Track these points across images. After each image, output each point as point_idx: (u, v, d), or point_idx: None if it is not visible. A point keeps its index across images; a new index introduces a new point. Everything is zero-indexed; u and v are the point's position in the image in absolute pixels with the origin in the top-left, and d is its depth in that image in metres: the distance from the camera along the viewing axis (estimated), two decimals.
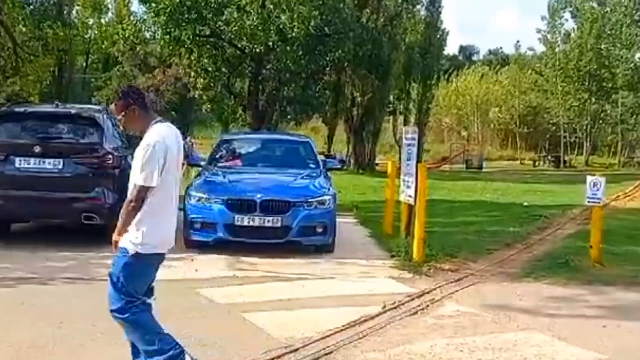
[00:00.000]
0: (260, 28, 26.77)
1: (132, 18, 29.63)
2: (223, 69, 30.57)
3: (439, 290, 7.60)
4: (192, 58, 30.10)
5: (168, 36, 27.90)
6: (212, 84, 30.95)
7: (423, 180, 8.62)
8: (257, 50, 27.77)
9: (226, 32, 28.29)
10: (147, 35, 29.59)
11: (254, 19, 26.85)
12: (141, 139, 4.35)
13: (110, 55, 34.11)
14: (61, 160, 8.93)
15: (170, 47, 28.76)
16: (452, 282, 7.98)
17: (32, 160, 8.93)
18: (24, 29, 17.23)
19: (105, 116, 9.56)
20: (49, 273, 7.86)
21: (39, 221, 10.28)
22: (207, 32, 28.77)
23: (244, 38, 27.60)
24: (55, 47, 16.75)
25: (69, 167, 8.95)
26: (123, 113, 4.39)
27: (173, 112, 30.26)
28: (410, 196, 9.16)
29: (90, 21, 39.93)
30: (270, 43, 27.29)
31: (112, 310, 4.33)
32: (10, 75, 28.51)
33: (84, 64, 39.15)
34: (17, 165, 8.95)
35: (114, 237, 4.31)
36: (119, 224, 4.29)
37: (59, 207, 9.00)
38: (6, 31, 14.39)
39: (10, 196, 8.91)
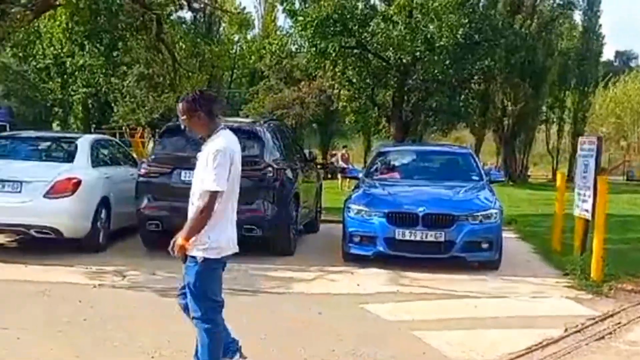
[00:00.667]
0: (407, 38, 26.51)
1: (278, 33, 30.18)
2: (368, 80, 30.57)
3: (624, 313, 6.92)
4: (337, 70, 30.32)
5: (314, 49, 28.27)
6: (356, 96, 31.03)
7: (603, 194, 7.94)
8: (404, 60, 27.52)
9: (372, 43, 28.26)
10: (293, 48, 30.05)
11: (401, 29, 26.63)
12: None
13: (255, 69, 34.98)
14: None
15: (316, 60, 29.10)
16: (638, 305, 7.26)
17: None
18: (183, 46, 17.95)
19: (265, 129, 9.60)
20: None
21: None
22: (352, 44, 28.88)
23: (390, 48, 27.44)
24: (210, 63, 17.31)
25: None
26: (187, 116, 4.44)
27: (315, 124, 30.63)
28: (586, 210, 8.49)
29: (236, 37, 41.37)
30: (418, 53, 26.96)
31: (194, 318, 4.43)
32: (168, 90, 30.06)
33: (229, 79, 40.51)
34: (182, 178, 9.14)
35: (180, 241, 4.30)
36: (187, 228, 4.31)
37: None
38: (167, 49, 15.00)
39: (175, 208, 9.11)
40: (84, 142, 9.97)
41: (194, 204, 4.40)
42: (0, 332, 5.92)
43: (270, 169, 9.12)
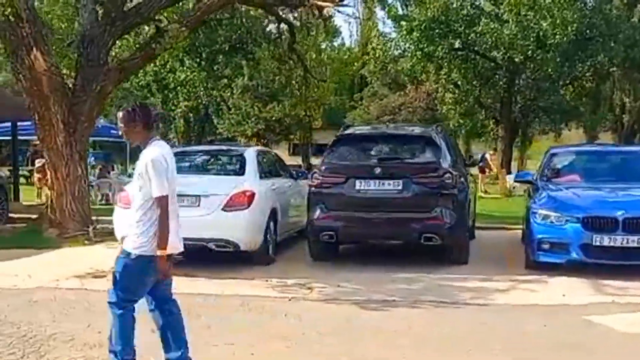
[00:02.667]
0: (518, 36, 25.84)
1: (380, 38, 29.96)
2: (474, 82, 30.01)
3: None
4: (442, 73, 29.89)
5: (420, 52, 27.95)
6: (462, 98, 30.49)
7: None
8: (516, 59, 26.84)
9: (479, 44, 27.71)
10: (396, 53, 29.78)
11: (512, 27, 25.98)
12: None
13: (354, 76, 34.75)
14: (401, 181, 8.84)
15: (422, 64, 28.75)
16: None
17: (372, 182, 8.93)
18: (314, 56, 17.97)
19: (440, 135, 9.37)
20: (408, 295, 7.71)
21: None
22: (458, 45, 28.40)
23: (501, 48, 26.81)
24: (336, 71, 17.24)
25: (409, 187, 8.82)
26: (125, 126, 4.79)
27: None
28: None
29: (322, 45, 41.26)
30: (529, 51, 26.24)
31: (109, 302, 4.85)
32: (268, 102, 30.35)
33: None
34: (357, 187, 9.00)
35: (161, 252, 4.64)
36: (158, 240, 4.64)
37: (398, 228, 8.93)
38: (299, 58, 14.99)
39: (350, 218, 8.99)
40: (251, 154, 9.99)
41: (133, 209, 4.81)
42: (229, 348, 5.86)
43: (449, 174, 8.86)
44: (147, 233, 4.69)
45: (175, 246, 4.84)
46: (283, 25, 14.54)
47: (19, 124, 19.47)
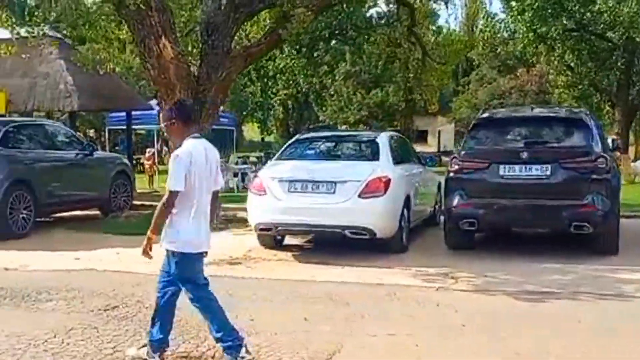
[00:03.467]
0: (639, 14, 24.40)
1: (489, 20, 29.01)
2: (589, 64, 28.61)
3: None
4: (555, 55, 28.64)
5: (532, 34, 26.86)
6: (576, 81, 29.17)
7: None
8: (636, 38, 25.36)
9: (595, 23, 26.36)
10: (505, 35, 28.76)
11: (632, 5, 24.55)
12: None
13: (461, 60, 33.68)
14: (549, 166, 8.35)
15: (534, 45, 27.63)
16: None
17: (517, 167, 8.49)
18: (432, 39, 17.53)
19: (590, 118, 8.81)
20: (564, 286, 7.26)
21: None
22: (572, 26, 27.10)
23: (620, 28, 25.40)
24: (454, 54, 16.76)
25: (558, 173, 8.33)
26: (166, 124, 4.91)
27: None
28: None
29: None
30: None
31: (190, 299, 5.00)
32: (372, 87, 29.99)
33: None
34: (501, 173, 8.57)
35: (148, 234, 4.84)
36: (152, 224, 4.80)
37: (546, 215, 8.46)
38: (418, 41, 14.57)
39: (494, 205, 8.58)
40: (385, 140, 9.71)
41: None
42: (391, 339, 5.62)
43: (602, 159, 8.30)
44: (185, 229, 4.83)
45: (200, 244, 4.93)
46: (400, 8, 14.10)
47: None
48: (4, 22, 12.33)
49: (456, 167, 8.89)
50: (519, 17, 26.64)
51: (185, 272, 4.93)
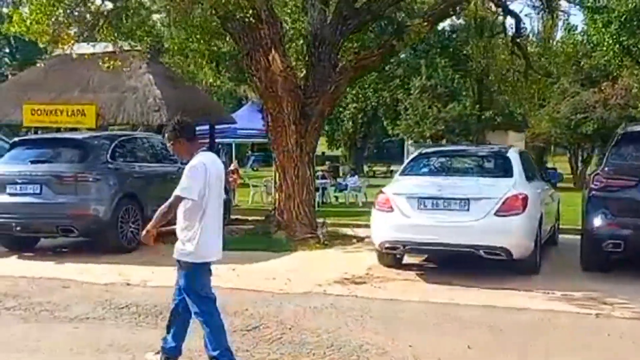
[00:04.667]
0: None
1: (571, 32, 28.20)
2: None
3: None
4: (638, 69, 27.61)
5: (618, 45, 25.99)
6: None
7: None
8: None
9: None
10: (588, 47, 27.90)
11: None
12: None
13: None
14: None
15: (620, 58, 26.71)
16: None
17: None
18: (535, 50, 16.99)
19: None
20: None
21: None
22: None
23: None
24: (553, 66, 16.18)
25: None
26: (172, 143, 5.12)
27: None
28: None
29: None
30: None
31: (194, 313, 5.07)
32: (448, 101, 29.29)
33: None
34: None
35: (148, 227, 4.99)
36: (154, 220, 4.99)
37: None
38: (522, 52, 14.06)
39: None
40: (515, 155, 9.24)
41: (180, 216, 5.03)
42: None
43: None
44: (194, 240, 4.94)
45: (213, 253, 5.10)
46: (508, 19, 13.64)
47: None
48: (108, 35, 12.35)
49: (599, 184, 8.35)
50: (603, 29, 25.82)
51: (191, 283, 5.03)
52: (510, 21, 13.78)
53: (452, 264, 9.25)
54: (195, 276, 5.04)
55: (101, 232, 10.54)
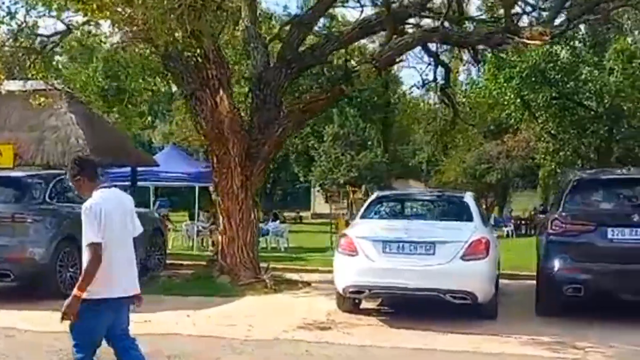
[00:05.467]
0: (625, 84, 25.31)
1: (473, 86, 29.60)
2: (571, 131, 29.33)
3: None
4: (538, 122, 29.27)
5: (519, 100, 27.50)
6: (559, 148, 29.78)
7: None
8: (623, 107, 26.20)
9: (580, 92, 27.19)
10: (490, 101, 29.32)
11: (618, 75, 25.48)
12: None
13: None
14: None
15: (520, 112, 28.25)
16: None
17: (627, 230, 8.29)
18: (463, 100, 17.58)
19: None
20: None
21: None
22: (554, 94, 27.85)
23: (606, 96, 26.23)
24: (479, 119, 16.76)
25: None
26: (73, 180, 5.00)
27: (517, 178, 29.50)
28: None
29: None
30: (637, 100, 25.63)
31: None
32: (363, 150, 29.85)
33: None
34: (609, 236, 8.36)
35: (75, 292, 4.64)
36: (80, 280, 4.67)
37: None
38: (450, 101, 14.60)
39: (602, 270, 8.32)
40: (472, 200, 9.45)
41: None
42: None
43: None
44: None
45: (126, 289, 4.94)
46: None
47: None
48: (38, 72, 11.88)
49: (558, 228, 8.64)
50: (505, 84, 27.22)
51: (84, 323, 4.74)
52: (440, 71, 14.13)
53: (409, 308, 9.25)
54: (89, 313, 4.75)
55: (39, 276, 9.88)
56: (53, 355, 7.02)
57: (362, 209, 9.56)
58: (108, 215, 4.77)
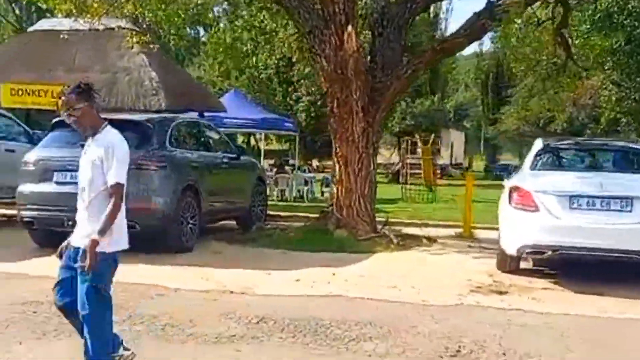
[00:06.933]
0: None
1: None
2: (637, 79, 28.00)
3: None
4: (605, 69, 27.90)
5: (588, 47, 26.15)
6: (624, 95, 28.51)
7: None
8: None
9: None
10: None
11: None
12: None
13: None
14: None
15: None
16: None
17: None
18: (577, 42, 16.41)
19: None
20: None
21: None
22: (623, 41, 26.44)
23: None
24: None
25: None
26: (75, 110, 4.08)
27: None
28: None
29: None
30: None
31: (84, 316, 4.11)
32: (416, 96, 28.67)
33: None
34: None
35: (96, 237, 3.96)
36: (101, 224, 4.00)
37: None
38: (565, 44, 13.46)
39: None
40: None
41: (85, 201, 4.16)
42: None
43: None
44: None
45: (124, 243, 4.27)
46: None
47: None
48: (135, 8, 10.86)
49: None
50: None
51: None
52: (558, 10, 12.95)
53: (573, 269, 8.38)
54: (106, 268, 4.14)
55: (163, 228, 9.07)
56: (226, 319, 6.20)
57: (529, 160, 8.57)
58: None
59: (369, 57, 10.81)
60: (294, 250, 9.93)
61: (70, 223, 8.39)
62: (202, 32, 46.52)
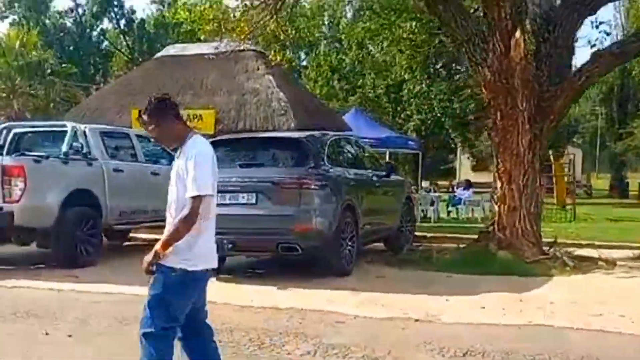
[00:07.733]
0: None
1: None
2: None
3: None
4: None
5: None
6: None
7: None
8: None
9: None
10: None
11: None
12: None
13: None
14: None
15: None
16: None
17: None
18: None
19: None
20: None
21: None
22: None
23: None
24: None
25: None
26: (157, 125, 3.88)
27: None
28: None
29: None
30: None
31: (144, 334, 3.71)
32: None
33: None
34: None
35: (157, 248, 3.66)
36: (166, 235, 3.70)
37: None
38: None
39: None
40: None
41: (172, 216, 3.79)
42: None
43: None
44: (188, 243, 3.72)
45: (211, 261, 3.85)
46: None
47: None
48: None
49: None
50: None
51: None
52: None
53: None
54: (177, 286, 3.74)
55: (324, 250, 8.50)
56: (429, 350, 5.50)
57: None
58: (216, 168, 3.85)
59: (534, 65, 9.92)
60: (457, 272, 9.17)
61: (230, 246, 8.12)
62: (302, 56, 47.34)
